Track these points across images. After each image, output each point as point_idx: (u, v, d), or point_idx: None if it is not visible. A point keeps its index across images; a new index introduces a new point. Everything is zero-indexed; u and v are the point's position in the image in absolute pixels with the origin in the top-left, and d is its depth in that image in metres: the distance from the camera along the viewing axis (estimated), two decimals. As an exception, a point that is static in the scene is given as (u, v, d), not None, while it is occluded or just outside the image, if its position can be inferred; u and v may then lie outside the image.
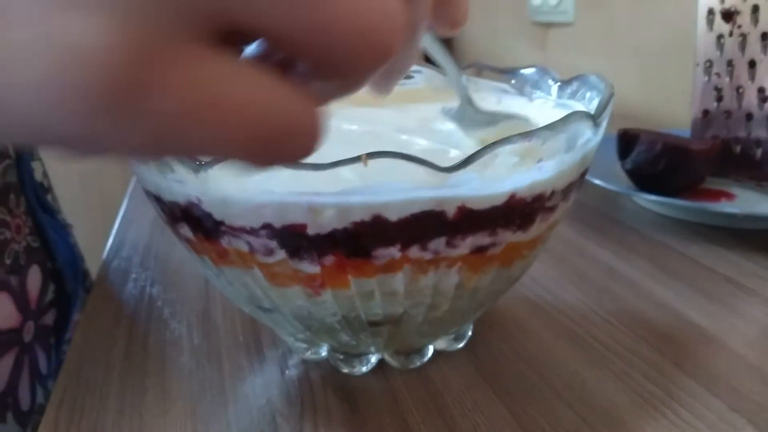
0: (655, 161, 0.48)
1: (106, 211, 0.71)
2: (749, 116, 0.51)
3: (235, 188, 0.23)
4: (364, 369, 0.31)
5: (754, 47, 0.49)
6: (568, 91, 0.34)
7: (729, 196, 0.50)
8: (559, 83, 0.35)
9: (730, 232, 0.46)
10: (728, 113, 0.52)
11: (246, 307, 0.30)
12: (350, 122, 0.35)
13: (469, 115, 0.34)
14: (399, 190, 0.22)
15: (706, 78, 0.53)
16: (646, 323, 0.35)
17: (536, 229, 0.26)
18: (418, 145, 0.30)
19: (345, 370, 0.32)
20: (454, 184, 0.22)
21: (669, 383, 0.30)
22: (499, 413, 0.29)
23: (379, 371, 0.32)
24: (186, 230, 0.26)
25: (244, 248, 0.25)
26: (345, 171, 0.22)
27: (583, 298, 0.39)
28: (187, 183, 0.24)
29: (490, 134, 0.29)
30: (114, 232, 0.55)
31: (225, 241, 0.25)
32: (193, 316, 0.39)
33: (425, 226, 0.23)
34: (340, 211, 0.22)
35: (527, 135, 0.23)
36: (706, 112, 0.53)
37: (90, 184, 1.26)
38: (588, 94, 0.32)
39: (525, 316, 0.37)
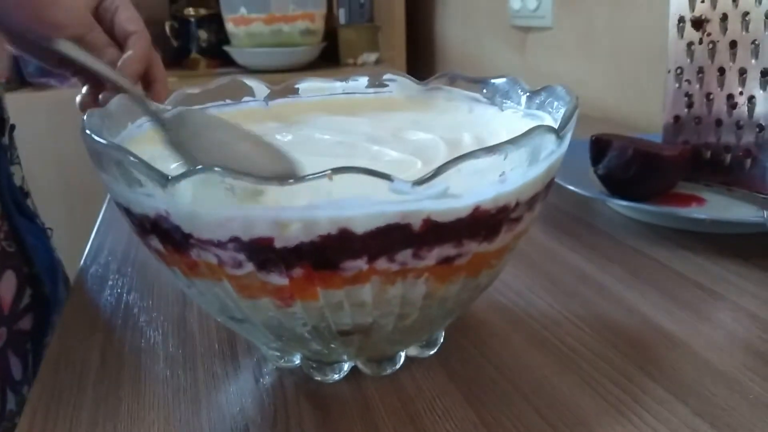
0: (626, 167, 0.49)
1: (89, 216, 0.70)
2: (719, 122, 0.52)
3: (203, 202, 0.23)
4: (337, 377, 0.32)
5: (723, 55, 0.50)
6: (537, 101, 0.34)
7: (699, 200, 0.51)
8: (527, 94, 0.36)
9: (700, 237, 0.47)
10: (698, 119, 0.53)
11: (219, 317, 0.30)
12: (323, 132, 0.36)
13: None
14: (364, 204, 0.23)
15: (677, 84, 0.54)
16: (615, 328, 0.36)
17: (502, 239, 0.27)
18: (388, 156, 0.30)
19: (318, 378, 0.32)
20: (419, 197, 0.23)
21: (635, 388, 0.31)
22: (469, 419, 0.29)
23: (352, 378, 0.32)
24: (156, 242, 0.26)
25: (213, 261, 0.25)
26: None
27: (554, 303, 0.39)
28: (155, 196, 0.24)
29: None
30: (92, 238, 0.54)
31: (194, 254, 0.25)
32: (169, 324, 0.39)
33: (391, 239, 0.24)
34: (306, 224, 0.23)
35: (491, 149, 0.23)
36: (677, 118, 0.54)
37: (72, 189, 1.25)
38: (555, 104, 0.32)
39: (496, 321, 0.37)
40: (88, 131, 0.26)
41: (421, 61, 1.50)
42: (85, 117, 0.30)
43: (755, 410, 0.29)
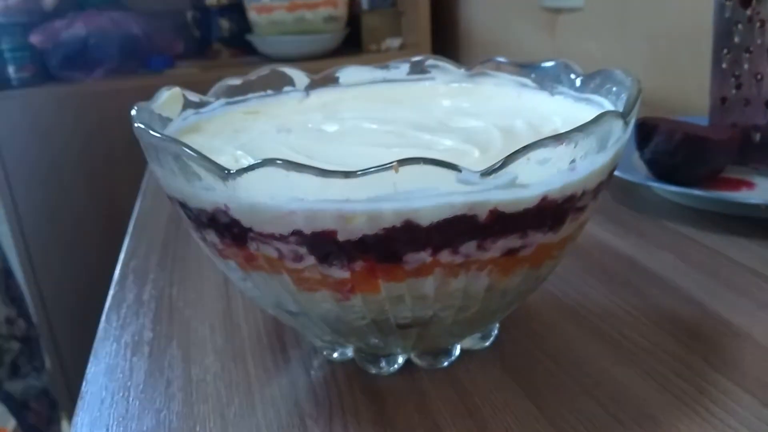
0: (674, 151, 0.48)
1: (117, 210, 0.71)
2: (769, 103, 0.50)
3: (264, 196, 0.23)
4: (391, 369, 0.31)
5: (773, 33, 0.49)
6: (591, 85, 0.33)
7: (749, 185, 0.50)
8: (581, 77, 0.34)
9: (751, 222, 0.46)
10: (747, 100, 0.51)
11: (272, 310, 0.30)
12: (369, 121, 0.35)
13: None
14: (430, 195, 0.22)
15: (724, 65, 0.52)
16: (672, 317, 0.35)
17: (566, 229, 0.26)
18: (443, 145, 0.29)
19: (372, 371, 0.31)
20: (487, 187, 0.22)
21: (699, 379, 0.30)
22: (530, 412, 0.28)
23: (405, 371, 0.32)
24: (213, 236, 0.26)
25: (273, 254, 0.24)
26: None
27: (607, 292, 0.38)
28: (214, 190, 0.24)
29: None
30: (129, 231, 0.55)
31: (253, 247, 0.25)
32: (215, 317, 0.39)
33: (456, 231, 0.23)
34: (371, 217, 0.22)
35: (559, 137, 0.22)
36: (724, 100, 0.53)
37: (99, 183, 1.26)
38: (612, 88, 0.31)
39: (549, 312, 0.36)
40: (141, 125, 0.26)
41: (446, 46, 1.48)
42: (134, 111, 0.29)
43: (828, 403, 0.28)
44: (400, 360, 0.31)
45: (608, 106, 0.31)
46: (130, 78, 1.31)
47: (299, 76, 0.41)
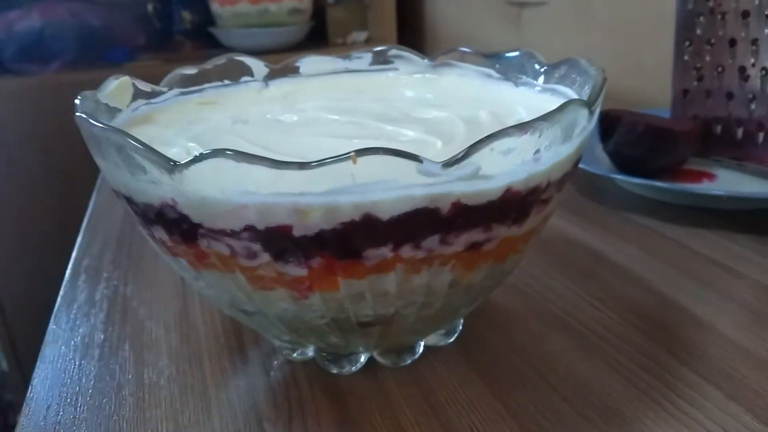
0: (637, 143, 0.48)
1: (78, 205, 0.68)
2: (730, 95, 0.50)
3: (214, 189, 0.21)
4: (353, 369, 0.30)
5: (734, 25, 0.49)
6: (556, 75, 0.33)
7: (710, 176, 0.50)
8: (545, 68, 0.34)
9: (713, 214, 0.46)
10: (708, 92, 0.52)
11: (227, 310, 0.29)
12: (330, 112, 0.34)
13: None
14: (391, 187, 0.21)
15: (686, 57, 0.53)
16: (636, 309, 0.35)
17: (531, 222, 0.25)
18: (405, 136, 0.28)
19: (333, 371, 0.30)
20: (449, 179, 0.21)
21: (664, 372, 0.30)
22: (495, 409, 0.28)
23: (368, 370, 0.31)
24: (161, 233, 0.25)
25: (225, 251, 0.23)
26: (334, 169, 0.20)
27: (571, 285, 0.38)
28: (161, 184, 0.22)
29: None
30: (83, 228, 0.52)
31: (204, 244, 0.23)
32: (170, 317, 0.37)
33: (418, 224, 0.22)
34: (328, 211, 0.21)
35: (523, 127, 0.22)
36: (685, 92, 0.53)
37: (57, 175, 1.21)
38: (577, 79, 0.31)
39: (514, 305, 0.36)
40: (83, 115, 0.24)
41: (412, 39, 1.47)
42: (78, 100, 0.28)
43: (791, 393, 0.28)
44: (362, 359, 0.30)
45: (573, 96, 0.30)
46: (88, 71, 1.27)
47: (258, 66, 0.39)
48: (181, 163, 0.21)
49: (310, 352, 0.31)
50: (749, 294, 0.36)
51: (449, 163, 0.21)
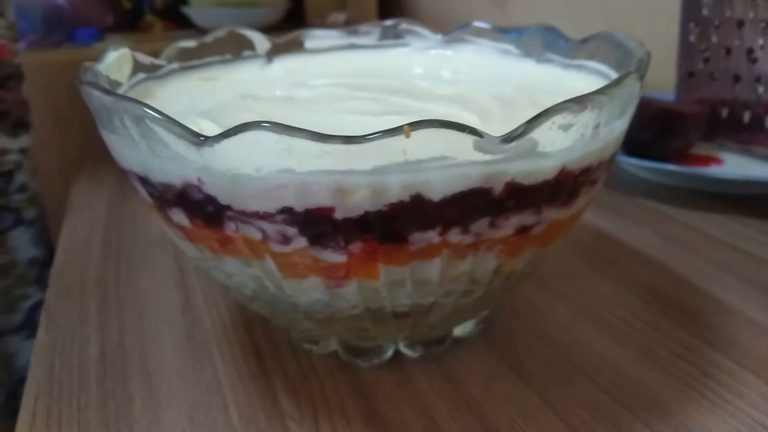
0: (647, 126, 0.47)
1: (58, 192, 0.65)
2: (737, 78, 0.50)
3: (249, 167, 0.19)
4: (380, 361, 0.28)
5: (741, 6, 0.48)
6: (584, 51, 0.31)
7: (717, 161, 0.50)
8: (570, 43, 0.32)
9: (723, 198, 0.45)
10: (714, 75, 0.51)
11: (246, 301, 0.27)
12: (344, 88, 0.32)
13: None
14: (445, 165, 0.19)
15: (692, 38, 0.52)
16: (661, 295, 0.34)
17: (578, 204, 0.24)
18: (436, 112, 0.27)
19: (360, 364, 0.29)
20: (507, 156, 0.19)
21: (700, 360, 0.29)
22: (532, 403, 0.26)
23: (393, 363, 0.29)
24: (180, 216, 0.22)
25: (256, 236, 0.21)
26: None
27: (591, 271, 0.37)
28: (186, 161, 0.20)
29: None
30: (67, 214, 0.49)
31: (231, 228, 0.21)
32: (171, 309, 0.35)
33: (470, 206, 0.20)
34: (375, 191, 0.19)
35: (582, 101, 0.20)
36: (691, 74, 0.52)
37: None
38: (612, 55, 0.29)
39: (535, 294, 0.34)
40: (90, 86, 0.22)
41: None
42: (80, 72, 0.25)
43: (834, 380, 0.27)
44: (390, 351, 0.29)
45: (608, 71, 0.29)
46: (54, 52, 1.21)
47: (260, 40, 0.37)
48: (212, 137, 0.19)
49: (333, 344, 0.29)
50: (771, 278, 0.35)
51: (509, 139, 0.19)
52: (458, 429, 0.25)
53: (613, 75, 0.28)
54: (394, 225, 0.20)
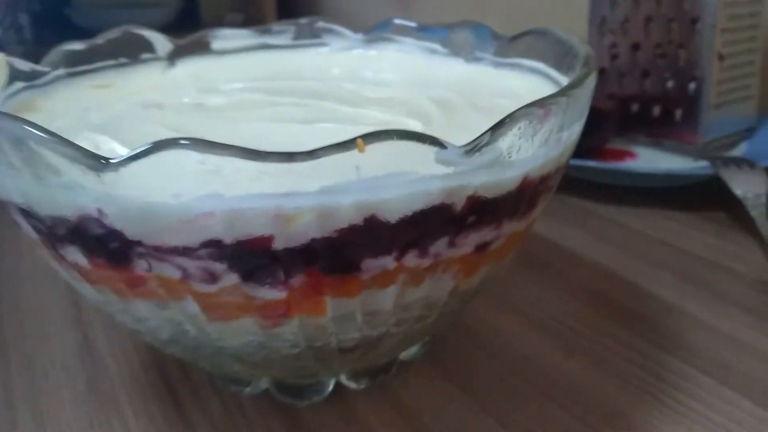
0: (567, 123, 0.46)
1: None
2: (645, 73, 0.51)
3: (163, 194, 0.16)
4: (317, 399, 0.25)
5: (648, 3, 0.49)
6: (518, 48, 0.30)
7: (631, 155, 0.50)
8: (501, 41, 0.31)
9: (641, 191, 0.46)
10: (624, 71, 0.52)
11: (160, 344, 0.23)
12: (262, 93, 0.29)
13: None
14: (403, 182, 0.16)
15: (601, 36, 0.52)
16: (602, 297, 0.33)
17: (534, 214, 0.22)
18: (374, 118, 0.24)
19: (297, 404, 0.25)
20: (469, 168, 0.17)
21: (652, 364, 0.28)
22: (489, 427, 0.24)
23: (333, 397, 0.26)
24: (76, 255, 0.18)
25: (174, 275, 0.17)
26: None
27: (527, 275, 0.35)
28: (80, 190, 0.16)
29: None
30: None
31: (142, 267, 0.18)
32: (68, 354, 0.30)
33: (430, 225, 0.18)
34: (322, 215, 0.16)
35: (544, 104, 0.18)
36: (602, 71, 0.53)
37: None
38: (550, 52, 0.28)
39: (476, 306, 0.32)
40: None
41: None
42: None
43: (779, 374, 0.27)
44: (330, 386, 0.26)
45: (546, 69, 0.27)
46: None
47: (160, 41, 0.33)
48: (116, 160, 0.15)
49: (264, 384, 0.26)
50: (706, 273, 0.35)
51: (472, 149, 0.17)
52: (416, 468, 0.23)
53: (553, 73, 0.27)
54: (344, 253, 0.17)
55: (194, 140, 0.15)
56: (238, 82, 0.31)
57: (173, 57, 0.33)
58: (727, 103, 0.49)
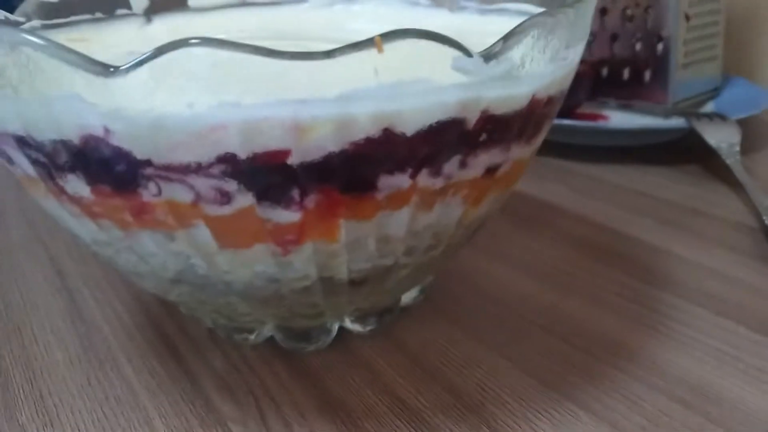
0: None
1: None
2: (614, 37, 0.51)
3: (175, 103, 0.15)
4: (327, 342, 0.25)
5: (615, -33, 0.50)
6: (502, -6, 0.30)
7: (604, 117, 0.51)
8: (487, -13, 0.31)
9: (617, 151, 0.47)
10: (593, 35, 0.53)
11: (164, 288, 0.22)
12: (250, 40, 0.28)
13: None
14: (420, 91, 0.16)
15: (570, 1, 0.53)
16: (591, 243, 0.34)
17: (537, 140, 0.22)
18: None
19: (304, 348, 0.25)
20: (483, 79, 0.17)
21: (648, 300, 0.28)
22: (497, 363, 0.24)
23: (337, 343, 0.26)
24: (78, 185, 0.18)
25: (185, 198, 0.17)
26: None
27: (516, 229, 0.36)
28: (84, 105, 0.15)
29: None
30: None
31: (150, 192, 0.17)
32: (57, 318, 0.28)
33: (444, 141, 0.18)
34: (339, 126, 0.16)
35: (554, 14, 0.18)
36: (571, 36, 0.53)
37: None
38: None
39: (469, 256, 0.33)
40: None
41: None
42: None
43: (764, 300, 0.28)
44: (335, 328, 0.25)
45: (533, 9, 0.27)
46: None
47: (136, -4, 0.32)
48: (125, 65, 0.14)
49: (268, 331, 0.25)
50: (688, 218, 0.36)
51: (489, 56, 0.17)
52: (428, 402, 0.22)
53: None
54: (360, 169, 0.17)
55: (205, 39, 0.14)
56: (220, 35, 0.30)
57: (149, 13, 0.32)
58: (694, 63, 0.50)
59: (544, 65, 0.18)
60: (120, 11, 0.31)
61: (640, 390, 0.23)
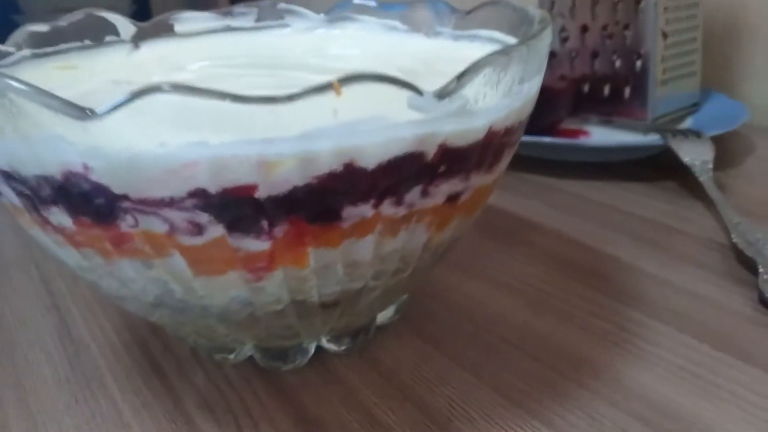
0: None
1: None
2: (594, 54, 0.53)
3: (149, 142, 0.16)
4: (303, 361, 0.26)
5: (594, -13, 0.51)
6: (475, 21, 0.31)
7: (585, 133, 0.52)
8: (459, 14, 0.32)
9: (596, 167, 0.48)
10: (574, 53, 0.54)
11: (145, 310, 0.23)
12: (232, 68, 0.29)
13: None
14: (379, 127, 0.17)
15: (551, 19, 0.54)
16: (565, 260, 0.35)
17: (499, 168, 0.23)
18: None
19: (281, 367, 0.26)
20: (438, 115, 0.18)
21: (616, 318, 0.29)
22: (467, 381, 0.25)
23: (314, 361, 0.27)
24: (61, 216, 0.19)
25: (161, 229, 0.18)
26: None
27: (492, 245, 0.37)
28: (65, 144, 0.16)
29: None
30: None
31: (128, 223, 0.18)
32: (47, 337, 0.30)
33: (403, 173, 0.19)
34: (303, 161, 0.17)
35: (507, 53, 0.19)
36: (553, 54, 0.55)
37: None
38: (505, 20, 0.29)
39: (444, 273, 0.34)
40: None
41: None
42: None
43: (732, 318, 0.29)
44: (312, 347, 0.26)
45: (505, 38, 0.29)
46: None
47: (124, 24, 0.33)
48: (101, 110, 0.16)
49: (248, 351, 0.26)
50: (661, 235, 0.37)
51: (442, 95, 0.18)
52: (398, 419, 0.23)
53: (510, 40, 0.28)
54: (325, 200, 0.18)
55: (176, 85, 0.15)
56: (204, 60, 0.31)
57: (137, 39, 0.33)
58: (672, 79, 0.52)
59: (498, 99, 0.20)
60: (108, 38, 0.33)
61: (602, 407, 0.24)
